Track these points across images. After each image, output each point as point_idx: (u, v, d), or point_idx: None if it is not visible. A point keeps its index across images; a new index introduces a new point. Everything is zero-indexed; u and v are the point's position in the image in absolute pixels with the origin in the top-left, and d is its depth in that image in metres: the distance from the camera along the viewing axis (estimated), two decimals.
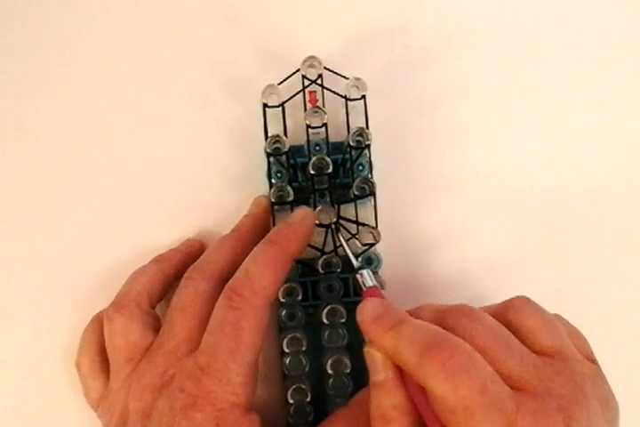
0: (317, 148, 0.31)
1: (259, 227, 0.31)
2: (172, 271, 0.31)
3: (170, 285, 0.31)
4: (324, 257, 0.30)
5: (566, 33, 0.35)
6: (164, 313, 0.29)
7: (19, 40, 0.34)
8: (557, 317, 0.26)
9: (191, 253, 0.32)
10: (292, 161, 0.31)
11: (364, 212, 0.31)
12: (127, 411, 0.27)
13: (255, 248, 0.28)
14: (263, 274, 0.27)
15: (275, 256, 0.27)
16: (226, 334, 0.26)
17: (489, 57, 0.35)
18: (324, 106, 0.31)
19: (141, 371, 0.27)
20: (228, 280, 0.27)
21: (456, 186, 0.34)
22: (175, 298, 0.29)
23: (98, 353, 0.30)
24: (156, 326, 0.29)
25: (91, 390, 0.30)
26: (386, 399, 0.24)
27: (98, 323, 0.31)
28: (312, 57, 0.30)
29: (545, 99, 0.35)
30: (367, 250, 0.30)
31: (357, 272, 0.27)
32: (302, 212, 0.29)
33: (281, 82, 0.31)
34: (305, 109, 0.31)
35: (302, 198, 0.31)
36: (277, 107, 0.30)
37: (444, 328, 0.23)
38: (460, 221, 0.34)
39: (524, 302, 0.26)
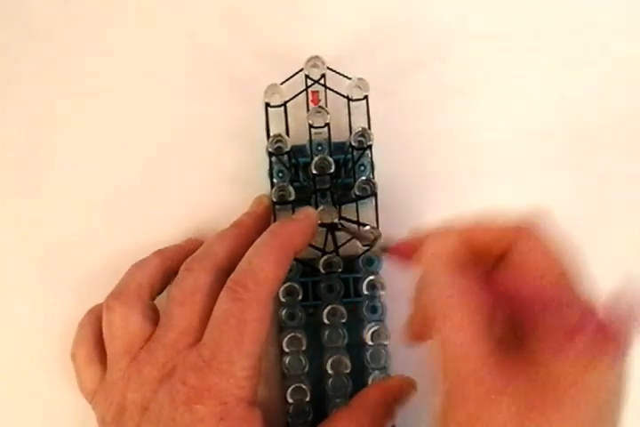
0: (319, 148, 0.31)
1: (259, 223, 0.31)
2: (173, 264, 0.30)
3: (170, 278, 0.30)
4: (325, 257, 0.30)
5: (566, 32, 0.35)
6: (163, 306, 0.29)
7: (19, 40, 0.34)
8: None
9: (193, 250, 0.31)
10: (293, 161, 0.31)
11: (366, 212, 0.31)
12: (125, 403, 0.26)
13: (257, 240, 0.27)
14: (267, 264, 0.26)
15: (277, 247, 0.27)
16: (230, 326, 0.25)
17: (490, 57, 0.35)
18: (326, 106, 0.31)
19: (141, 363, 0.27)
20: (227, 273, 0.27)
21: (457, 187, 0.34)
22: (174, 289, 0.28)
23: (94, 345, 0.29)
24: (156, 318, 0.29)
25: (86, 381, 0.29)
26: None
27: (95, 315, 0.30)
28: (315, 57, 0.30)
29: (545, 99, 0.35)
30: (368, 250, 0.30)
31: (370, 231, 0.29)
32: (307, 211, 0.29)
33: (283, 81, 0.31)
34: (307, 109, 0.31)
35: (304, 198, 0.31)
36: (280, 106, 0.30)
37: None
38: None
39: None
